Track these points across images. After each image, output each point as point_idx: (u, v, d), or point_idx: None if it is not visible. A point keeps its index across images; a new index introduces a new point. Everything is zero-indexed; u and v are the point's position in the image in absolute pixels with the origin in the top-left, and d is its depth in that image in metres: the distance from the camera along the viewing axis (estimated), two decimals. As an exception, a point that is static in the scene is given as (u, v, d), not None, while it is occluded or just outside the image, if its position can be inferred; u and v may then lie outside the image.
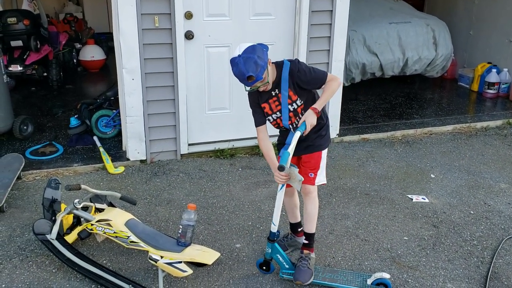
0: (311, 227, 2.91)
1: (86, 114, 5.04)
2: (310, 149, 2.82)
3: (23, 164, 4.16)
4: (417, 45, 6.60)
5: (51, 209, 3.12)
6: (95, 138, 4.89)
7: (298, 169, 2.71)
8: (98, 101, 5.23)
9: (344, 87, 5.25)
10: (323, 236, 3.40)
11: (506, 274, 3.03)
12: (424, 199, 3.95)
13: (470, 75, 7.11)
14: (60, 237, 2.96)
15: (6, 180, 3.84)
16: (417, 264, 3.12)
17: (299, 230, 3.13)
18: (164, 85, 4.37)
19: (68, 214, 3.05)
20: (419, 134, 5.42)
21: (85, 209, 3.15)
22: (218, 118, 4.71)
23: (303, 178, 2.66)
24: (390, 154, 4.88)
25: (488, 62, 6.92)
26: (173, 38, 4.24)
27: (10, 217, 3.56)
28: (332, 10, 4.66)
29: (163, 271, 2.73)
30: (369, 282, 2.80)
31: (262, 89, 2.66)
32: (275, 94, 2.71)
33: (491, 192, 4.12)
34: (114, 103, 5.14)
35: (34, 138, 5.04)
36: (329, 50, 4.79)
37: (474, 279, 2.98)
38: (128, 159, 4.50)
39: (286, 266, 2.88)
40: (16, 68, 6.45)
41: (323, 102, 2.67)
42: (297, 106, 2.70)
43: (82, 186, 3.04)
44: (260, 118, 2.80)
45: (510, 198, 4.01)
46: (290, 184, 2.74)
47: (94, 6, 11.26)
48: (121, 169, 4.36)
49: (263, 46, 2.61)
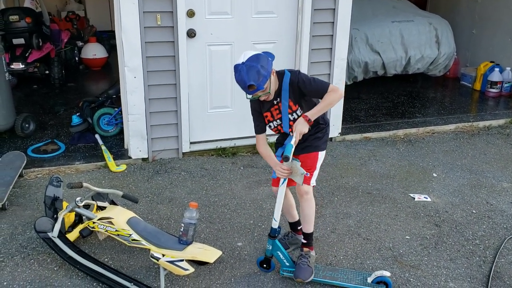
0: (309, 227, 2.92)
1: (88, 112, 5.04)
2: (307, 149, 2.83)
3: (25, 162, 4.17)
4: (419, 43, 6.59)
5: (53, 207, 3.12)
6: (97, 136, 4.89)
7: (300, 163, 2.71)
8: (100, 99, 5.24)
9: (346, 86, 5.24)
10: (325, 235, 3.39)
11: (508, 274, 3.02)
12: (426, 198, 3.94)
13: (472, 74, 7.09)
14: (61, 235, 2.96)
15: (8, 178, 3.84)
16: (419, 263, 3.11)
17: (299, 228, 3.12)
18: (166, 83, 4.37)
19: (70, 212, 3.05)
20: (422, 133, 5.41)
21: (86, 207, 3.16)
22: (220, 116, 4.71)
23: (305, 172, 2.66)
24: (392, 153, 4.87)
25: (490, 61, 6.91)
26: (175, 36, 4.24)
27: (12, 215, 3.56)
28: (334, 9, 4.66)
29: (165, 269, 2.73)
30: (369, 280, 2.80)
31: (263, 98, 2.66)
32: (277, 103, 2.74)
33: (494, 191, 4.10)
34: (116, 101, 5.14)
35: (36, 136, 5.04)
36: (331, 48, 4.78)
37: (476, 278, 2.97)
38: (130, 157, 4.50)
39: (287, 264, 2.89)
40: (18, 66, 6.47)
41: (318, 111, 2.63)
42: (297, 116, 2.69)
43: (84, 184, 3.04)
44: (260, 126, 2.82)
45: (513, 198, 4.00)
46: (292, 178, 2.73)
47: (96, 4, 11.29)
48: (123, 167, 4.36)
49: (269, 55, 2.60)
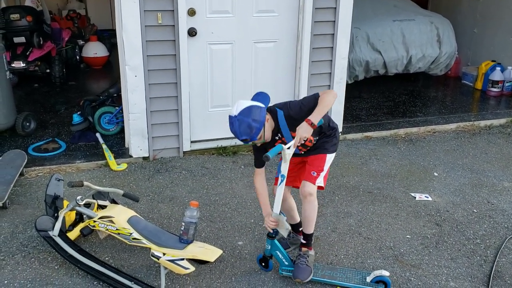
0: (310, 229, 2.91)
1: (89, 111, 5.04)
2: (316, 151, 2.87)
3: (26, 160, 4.17)
4: (421, 42, 6.57)
5: (54, 205, 3.13)
6: (98, 135, 4.89)
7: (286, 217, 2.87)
8: (101, 98, 5.23)
9: (347, 85, 5.23)
10: (326, 234, 3.39)
11: (509, 273, 3.02)
12: (427, 198, 3.94)
13: (474, 73, 7.08)
14: (62, 233, 2.96)
15: (9, 176, 3.84)
16: (419, 262, 3.11)
17: (300, 229, 3.12)
18: (166, 82, 4.36)
19: (70, 210, 3.05)
20: (423, 132, 5.40)
21: (87, 205, 3.16)
22: (221, 115, 4.70)
23: (290, 228, 2.87)
24: (393, 152, 4.87)
25: (492, 60, 6.89)
26: (176, 35, 4.24)
27: (12, 213, 3.56)
28: (335, 8, 4.65)
29: (166, 268, 2.73)
30: (368, 279, 2.80)
31: (259, 144, 2.71)
32: (279, 138, 2.77)
33: (495, 190, 4.10)
34: (117, 100, 5.13)
35: (37, 134, 5.04)
36: (332, 47, 4.78)
37: (477, 278, 2.97)
38: (130, 156, 4.50)
39: (286, 263, 2.89)
40: (19, 64, 6.46)
41: (318, 113, 2.61)
42: (304, 141, 2.66)
43: (85, 183, 3.05)
44: (260, 160, 2.82)
45: (514, 197, 3.99)
46: (278, 229, 2.83)
47: (97, 2, 11.29)
48: (123, 166, 4.36)
49: (263, 100, 2.64)
